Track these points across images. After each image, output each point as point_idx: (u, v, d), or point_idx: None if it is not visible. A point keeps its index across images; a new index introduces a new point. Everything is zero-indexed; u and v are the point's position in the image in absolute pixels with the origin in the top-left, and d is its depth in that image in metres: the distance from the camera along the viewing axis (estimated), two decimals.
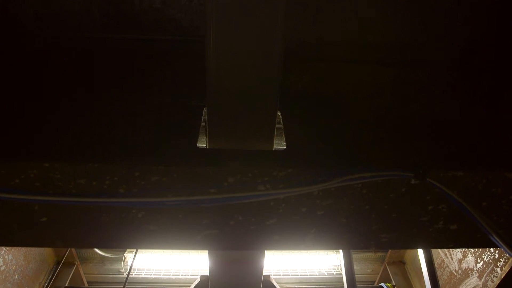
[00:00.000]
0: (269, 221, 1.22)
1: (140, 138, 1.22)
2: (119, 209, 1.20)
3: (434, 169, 1.21)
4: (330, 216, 1.24)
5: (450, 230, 1.40)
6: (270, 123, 1.31)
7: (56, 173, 1.13)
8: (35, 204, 1.21)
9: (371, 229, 1.31)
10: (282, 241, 1.28)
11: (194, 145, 1.21)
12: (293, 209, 1.20)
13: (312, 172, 1.10)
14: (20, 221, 1.27)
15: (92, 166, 1.12)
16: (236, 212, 1.19)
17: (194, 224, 1.22)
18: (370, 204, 1.25)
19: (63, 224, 1.28)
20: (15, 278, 2.60)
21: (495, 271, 2.25)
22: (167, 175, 1.11)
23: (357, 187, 1.19)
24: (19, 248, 2.63)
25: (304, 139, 1.28)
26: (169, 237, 1.26)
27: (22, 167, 1.12)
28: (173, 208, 1.17)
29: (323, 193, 1.17)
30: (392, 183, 1.21)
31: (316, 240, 1.30)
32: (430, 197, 1.28)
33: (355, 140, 1.30)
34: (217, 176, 1.10)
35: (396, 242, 1.40)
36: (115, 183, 1.14)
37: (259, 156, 1.17)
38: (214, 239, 1.25)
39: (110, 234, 1.31)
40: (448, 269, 2.74)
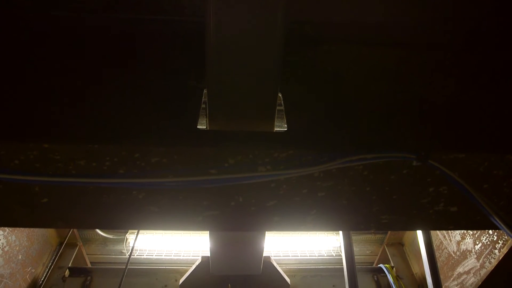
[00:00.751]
0: (269, 203, 1.22)
1: (140, 119, 1.21)
2: (120, 190, 1.20)
3: (436, 151, 1.20)
4: (331, 197, 1.24)
5: (450, 212, 1.40)
6: (271, 105, 1.29)
7: (56, 154, 1.13)
8: (35, 185, 1.21)
9: (372, 211, 1.31)
10: (283, 223, 1.29)
11: (194, 126, 1.20)
12: (294, 190, 1.20)
13: (313, 153, 1.09)
14: (21, 202, 1.27)
15: (92, 147, 1.11)
16: (236, 194, 1.19)
17: (194, 205, 1.22)
18: (371, 186, 1.24)
19: (64, 205, 1.28)
20: (19, 258, 2.64)
21: (493, 253, 2.27)
22: (167, 156, 1.10)
23: (358, 168, 1.18)
24: (22, 229, 2.65)
25: (305, 121, 1.26)
26: (170, 218, 1.26)
27: (22, 148, 1.11)
28: (174, 190, 1.17)
29: (324, 174, 1.16)
30: (394, 165, 1.21)
31: (317, 221, 1.30)
32: (431, 179, 1.28)
33: (357, 121, 1.28)
34: (217, 157, 1.09)
35: (396, 224, 1.40)
36: (115, 164, 1.13)
37: (259, 137, 1.16)
38: (215, 220, 1.25)
39: (112, 215, 1.31)
40: (447, 250, 2.77)
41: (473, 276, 2.44)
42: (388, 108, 1.36)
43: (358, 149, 1.12)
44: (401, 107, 1.36)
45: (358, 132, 1.24)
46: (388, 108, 1.36)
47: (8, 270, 2.53)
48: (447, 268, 2.75)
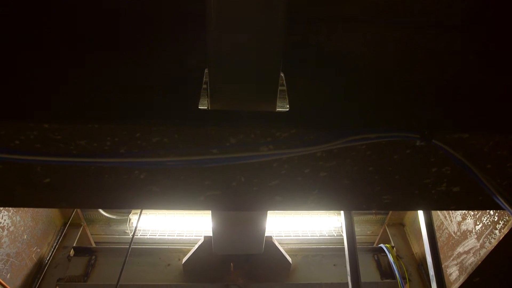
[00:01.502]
0: (271, 182, 1.22)
1: (141, 99, 1.20)
2: (121, 170, 1.19)
3: (439, 130, 1.18)
4: (333, 177, 1.23)
5: (452, 192, 1.40)
6: (273, 84, 1.27)
7: (56, 134, 1.12)
8: (37, 165, 1.21)
9: (374, 191, 1.31)
10: (285, 202, 1.29)
11: (195, 106, 1.18)
12: (296, 170, 1.19)
13: (315, 132, 1.08)
14: (24, 183, 1.28)
15: (93, 127, 1.10)
16: (238, 173, 1.18)
17: (196, 185, 1.22)
18: (374, 166, 1.23)
19: (66, 186, 1.29)
20: (24, 238, 2.68)
21: (493, 233, 2.28)
22: (168, 136, 1.09)
23: (361, 148, 1.17)
24: (26, 210, 2.68)
25: (308, 100, 1.25)
26: (172, 198, 1.27)
27: (22, 128, 1.10)
28: (175, 169, 1.17)
29: (326, 154, 1.15)
30: (397, 144, 1.20)
31: (319, 201, 1.30)
32: (434, 159, 1.27)
33: (360, 101, 1.27)
34: (219, 137, 1.08)
35: (398, 204, 1.40)
36: (116, 144, 1.13)
37: (261, 116, 1.14)
38: (217, 200, 1.25)
39: (114, 195, 1.32)
40: (447, 231, 2.79)
41: (473, 256, 2.47)
42: (391, 87, 1.34)
43: (361, 129, 1.11)
44: (404, 86, 1.34)
45: (361, 111, 1.22)
46: (391, 87, 1.34)
47: (14, 250, 2.57)
48: (447, 248, 2.77)
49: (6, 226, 2.46)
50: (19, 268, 2.63)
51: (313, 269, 2.85)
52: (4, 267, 2.45)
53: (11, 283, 2.48)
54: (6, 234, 2.46)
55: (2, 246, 2.42)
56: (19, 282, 2.63)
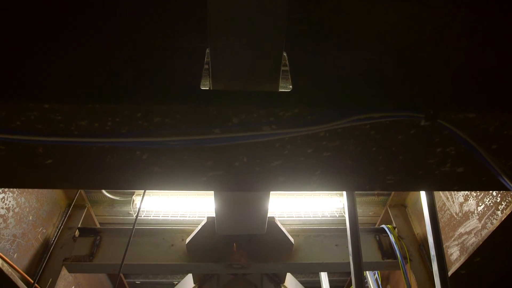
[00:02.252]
0: (274, 163, 1.21)
1: (141, 79, 1.18)
2: (123, 151, 1.19)
3: (445, 110, 1.16)
4: (336, 157, 1.22)
5: (456, 173, 1.39)
6: (276, 64, 1.25)
7: (57, 114, 1.11)
8: (39, 146, 1.20)
9: (377, 171, 1.30)
10: (287, 183, 1.29)
11: (197, 85, 1.16)
12: (299, 150, 1.18)
13: (319, 112, 1.06)
14: (26, 164, 1.28)
15: (93, 107, 1.09)
16: (241, 154, 1.17)
17: (199, 165, 1.21)
18: (378, 146, 1.22)
19: (68, 166, 1.28)
20: (30, 219, 2.71)
21: (495, 214, 2.29)
22: (169, 116, 1.08)
23: (365, 128, 1.16)
24: (30, 191, 2.70)
25: (311, 80, 1.22)
26: (174, 178, 1.26)
27: (22, 109, 1.09)
28: (178, 150, 1.16)
29: (329, 134, 1.14)
30: (401, 124, 1.18)
31: (321, 181, 1.30)
32: (439, 139, 1.25)
33: (364, 80, 1.24)
34: (221, 116, 1.07)
35: (401, 184, 1.40)
36: (117, 125, 1.11)
37: (264, 96, 1.12)
38: (219, 180, 1.25)
39: (117, 176, 1.32)
40: (449, 212, 2.80)
41: (474, 236, 2.48)
42: (396, 66, 1.31)
43: (365, 108, 1.09)
44: (410, 65, 1.31)
45: (365, 91, 1.20)
46: (396, 66, 1.31)
47: (20, 230, 2.61)
48: (449, 229, 2.79)
49: (11, 207, 2.48)
50: (26, 248, 2.68)
51: (315, 249, 2.88)
52: (11, 247, 2.49)
53: (18, 263, 2.52)
54: (11, 215, 2.49)
55: (8, 227, 2.45)
56: (26, 262, 2.67)
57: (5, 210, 2.43)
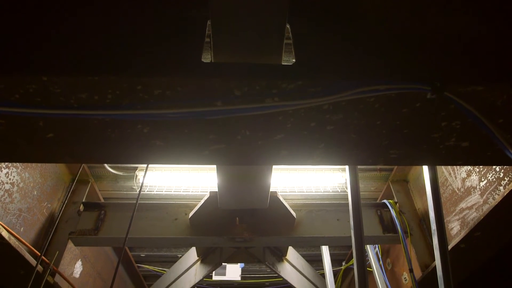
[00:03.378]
0: (277, 136, 1.20)
1: (141, 51, 1.15)
2: (124, 125, 1.17)
3: (452, 83, 1.13)
4: (340, 131, 1.20)
5: (461, 147, 1.37)
6: (279, 36, 1.21)
7: (55, 87, 1.09)
8: (39, 120, 1.19)
9: (381, 145, 1.29)
10: (290, 157, 1.28)
11: (198, 58, 1.13)
12: (302, 123, 1.16)
13: (323, 84, 1.04)
14: (27, 137, 1.27)
15: (92, 79, 1.07)
16: (243, 127, 1.16)
17: (200, 139, 1.20)
18: (382, 120, 1.20)
19: (70, 140, 1.28)
20: (34, 194, 2.74)
21: (497, 189, 2.29)
22: (170, 88, 1.06)
23: (369, 101, 1.13)
24: (34, 167, 2.72)
25: (315, 52, 1.19)
26: (176, 152, 1.26)
27: (20, 81, 1.07)
28: (179, 123, 1.15)
29: (333, 107, 1.12)
30: (407, 97, 1.15)
31: (324, 155, 1.29)
32: (445, 113, 1.23)
33: (370, 52, 1.21)
34: (223, 89, 1.05)
35: (405, 158, 1.38)
36: (117, 97, 1.10)
37: (267, 68, 1.09)
38: (221, 154, 1.24)
39: (118, 150, 1.31)
40: (451, 187, 2.81)
41: (475, 211, 2.49)
42: (402, 39, 1.27)
43: (370, 80, 1.07)
44: (416, 38, 1.27)
45: (370, 63, 1.17)
46: (402, 39, 1.27)
47: (25, 205, 2.64)
48: (450, 204, 2.80)
49: (16, 182, 2.50)
50: (32, 222, 2.72)
51: (316, 224, 2.91)
52: (17, 221, 2.53)
53: (25, 236, 2.57)
54: (16, 190, 2.51)
55: (14, 201, 2.48)
56: (33, 236, 2.72)
57: (10, 185, 2.45)
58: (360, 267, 1.85)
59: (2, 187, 2.37)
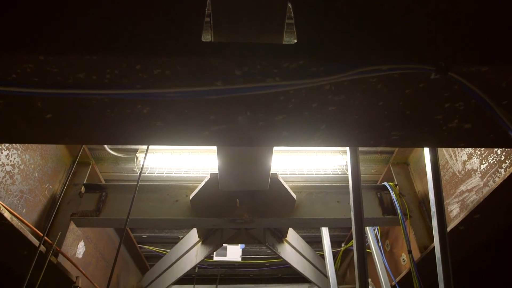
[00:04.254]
0: (278, 117, 1.19)
1: (139, 30, 1.12)
2: (123, 105, 1.16)
3: (456, 63, 1.11)
4: (342, 112, 1.19)
5: (463, 129, 1.36)
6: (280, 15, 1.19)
7: (53, 67, 1.07)
8: (37, 100, 1.18)
9: (383, 126, 1.28)
10: (291, 138, 1.27)
11: (198, 37, 1.11)
12: (304, 104, 1.15)
13: (325, 64, 1.02)
14: (26, 118, 1.26)
15: (90, 59, 1.05)
16: (244, 107, 1.14)
17: (201, 119, 1.19)
18: (384, 100, 1.19)
19: (69, 121, 1.27)
20: (36, 175, 2.74)
21: (498, 172, 2.29)
22: (170, 68, 1.04)
23: (372, 81, 1.11)
24: (34, 148, 2.71)
25: (317, 32, 1.16)
26: (177, 133, 1.25)
27: (16, 61, 1.06)
28: (179, 104, 1.13)
29: (335, 87, 1.10)
30: (410, 77, 1.14)
31: (326, 136, 1.28)
32: (448, 94, 1.21)
33: (373, 32, 1.18)
34: (223, 68, 1.03)
35: (406, 140, 1.38)
36: (116, 77, 1.08)
37: (268, 47, 1.07)
38: (222, 134, 1.23)
39: (118, 131, 1.30)
40: (451, 170, 2.81)
41: (475, 194, 2.50)
42: (406, 18, 1.23)
43: (373, 60, 1.04)
44: (420, 17, 1.24)
45: (373, 42, 1.14)
46: (406, 18, 1.23)
47: (27, 186, 2.65)
48: (450, 187, 2.81)
49: (17, 164, 2.51)
50: (34, 204, 2.74)
51: (316, 205, 2.93)
52: (19, 202, 2.55)
53: (27, 217, 2.59)
54: (17, 172, 2.51)
55: (15, 183, 2.49)
56: (35, 217, 2.75)
57: (11, 167, 2.46)
58: (359, 249, 1.87)
59: (3, 168, 2.38)
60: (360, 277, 1.82)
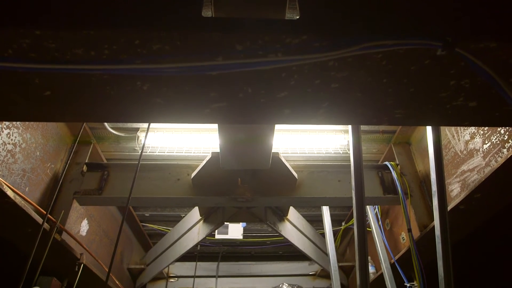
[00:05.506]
0: (280, 94, 1.17)
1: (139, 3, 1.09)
2: (123, 81, 1.14)
3: (464, 39, 1.08)
4: (345, 89, 1.17)
5: (468, 107, 1.34)
6: None
7: (50, 42, 1.05)
8: (34, 77, 1.16)
9: (386, 104, 1.26)
10: (293, 115, 1.25)
11: (198, 12, 1.08)
12: (306, 81, 1.13)
13: (329, 39, 0.99)
14: (25, 95, 1.24)
15: (88, 34, 1.02)
16: (245, 84, 1.12)
17: (201, 97, 1.17)
18: (389, 77, 1.16)
19: (68, 98, 1.25)
20: (37, 154, 2.75)
21: (501, 151, 2.27)
22: (169, 43, 1.01)
23: (377, 57, 1.09)
24: (35, 127, 2.71)
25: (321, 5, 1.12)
26: (177, 110, 1.23)
27: (12, 36, 1.03)
28: (179, 80, 1.11)
29: (339, 63, 1.08)
30: (415, 54, 1.11)
31: (328, 114, 1.26)
32: (454, 71, 1.18)
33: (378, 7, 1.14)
34: (224, 43, 1.00)
35: (410, 118, 1.36)
36: (115, 53, 1.05)
37: (270, 22, 1.04)
38: (223, 112, 1.21)
39: (118, 108, 1.29)
40: (453, 150, 2.80)
41: (477, 174, 2.50)
42: None
43: (378, 35, 1.01)
44: None
45: (378, 17, 1.11)
46: None
47: (29, 165, 2.66)
48: (451, 166, 2.81)
49: (18, 143, 2.50)
50: (36, 183, 2.75)
51: (318, 184, 2.94)
52: (22, 181, 2.56)
53: (30, 196, 2.61)
54: (19, 151, 2.51)
55: (17, 162, 2.50)
56: (38, 195, 2.77)
57: (12, 146, 2.45)
58: (360, 227, 1.88)
59: (5, 147, 2.38)
60: (360, 255, 1.84)
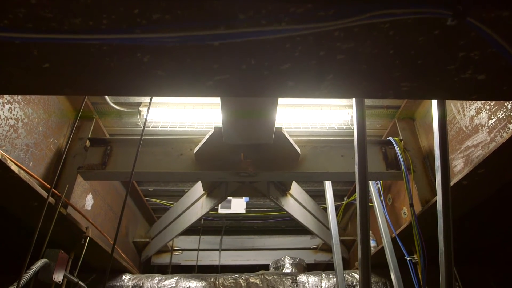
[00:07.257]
0: (283, 66, 1.14)
1: None
2: (122, 53, 1.11)
3: (475, 7, 1.04)
4: (350, 61, 1.14)
5: (476, 80, 1.31)
6: None
7: (46, 11, 1.01)
8: (33, 49, 1.13)
9: (392, 77, 1.23)
10: (297, 88, 1.22)
11: None
12: (310, 52, 1.09)
13: (335, 6, 0.95)
14: (23, 68, 1.22)
15: (85, 2, 0.99)
16: (248, 56, 1.09)
17: (204, 68, 1.14)
18: (395, 49, 1.13)
19: (67, 71, 1.23)
20: (40, 130, 2.74)
21: (507, 127, 2.24)
22: (170, 12, 0.98)
23: (384, 27, 1.05)
24: (37, 102, 2.69)
25: None
26: (178, 82, 1.20)
27: (7, 5, 1.00)
28: (180, 51, 1.08)
29: (344, 34, 1.04)
30: (425, 23, 1.07)
31: (333, 87, 1.23)
32: (464, 42, 1.15)
33: None
34: (226, 13, 0.96)
35: (416, 92, 1.33)
36: (113, 23, 1.02)
37: None
38: (225, 84, 1.19)
39: (119, 81, 1.26)
40: (458, 125, 2.76)
41: (481, 149, 2.48)
42: None
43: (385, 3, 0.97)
44: None
45: None
46: None
47: (32, 140, 2.66)
48: (456, 142, 2.78)
49: (20, 118, 2.49)
50: (40, 157, 2.76)
51: (321, 159, 2.93)
52: (25, 156, 2.57)
53: (34, 171, 2.62)
54: (21, 126, 2.51)
55: (20, 137, 2.50)
56: (42, 170, 2.78)
57: (14, 121, 2.45)
58: (362, 202, 1.88)
59: (7, 122, 2.37)
60: (362, 229, 1.85)
